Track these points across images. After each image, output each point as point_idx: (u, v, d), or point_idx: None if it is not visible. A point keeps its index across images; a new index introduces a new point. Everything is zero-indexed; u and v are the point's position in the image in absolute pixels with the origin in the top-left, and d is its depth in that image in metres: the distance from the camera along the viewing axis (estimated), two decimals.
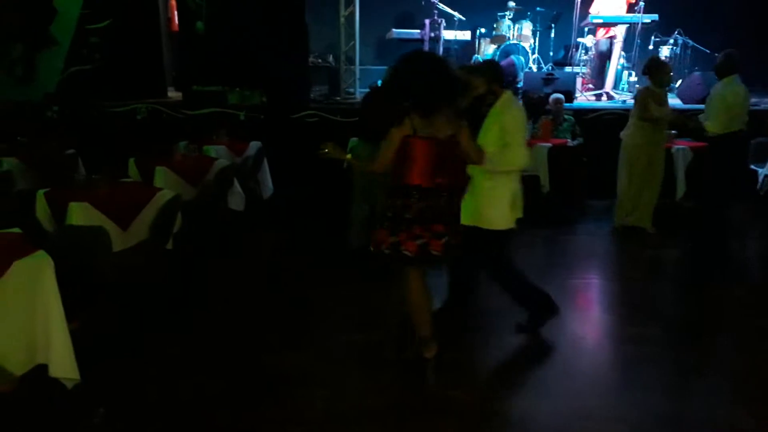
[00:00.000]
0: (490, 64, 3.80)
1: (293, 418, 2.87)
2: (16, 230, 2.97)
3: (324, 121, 7.51)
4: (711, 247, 5.29)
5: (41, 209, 3.91)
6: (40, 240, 2.99)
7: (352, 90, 8.54)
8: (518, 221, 3.56)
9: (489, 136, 3.36)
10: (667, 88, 5.52)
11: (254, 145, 6.44)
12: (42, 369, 2.71)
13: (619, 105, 7.79)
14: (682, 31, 8.56)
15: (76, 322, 2.77)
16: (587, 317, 4.23)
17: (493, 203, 3.44)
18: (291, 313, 4.07)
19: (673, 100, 7.71)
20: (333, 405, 2.98)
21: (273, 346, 3.57)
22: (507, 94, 3.50)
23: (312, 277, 4.73)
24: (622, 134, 5.57)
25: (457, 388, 3.12)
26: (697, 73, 7.82)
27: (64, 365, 2.69)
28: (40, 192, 3.96)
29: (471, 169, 3.40)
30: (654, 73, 5.32)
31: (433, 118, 2.93)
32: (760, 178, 6.39)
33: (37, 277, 2.65)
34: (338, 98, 8.39)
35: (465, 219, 3.35)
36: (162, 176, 4.88)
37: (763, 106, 7.63)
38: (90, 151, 6.26)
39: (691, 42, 8.53)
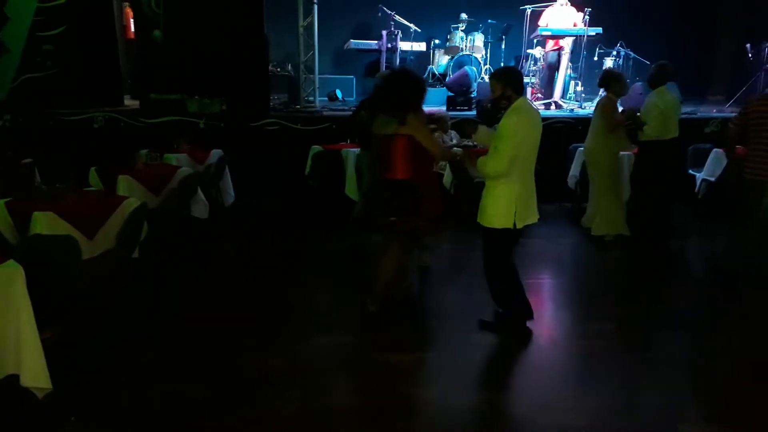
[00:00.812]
0: (506, 70, 3.96)
1: (268, 417, 2.97)
2: None
3: (284, 129, 7.61)
4: (655, 247, 5.64)
5: (2, 219, 3.86)
6: (7, 250, 3.01)
7: (311, 98, 8.67)
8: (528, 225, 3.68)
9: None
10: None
11: (215, 153, 6.50)
12: (13, 379, 2.72)
13: (567, 114, 8.16)
14: (624, 43, 9.02)
15: (48, 332, 2.79)
16: (544, 315, 4.47)
17: (491, 202, 3.61)
18: (263, 317, 4.15)
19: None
20: (307, 405, 3.09)
21: (246, 349, 3.65)
22: (520, 101, 3.58)
23: (283, 281, 4.84)
24: (587, 145, 5.85)
25: (422, 387, 3.29)
26: (638, 84, 8.26)
27: (35, 375, 2.71)
28: (1, 201, 3.92)
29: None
30: (612, 84, 5.62)
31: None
32: (698, 182, 6.81)
33: (8, 286, 2.66)
34: (298, 106, 8.50)
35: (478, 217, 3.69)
36: (125, 185, 4.91)
37: (699, 115, 8.13)
38: (47, 160, 6.19)
39: (632, 54, 9.00)
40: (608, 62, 9.07)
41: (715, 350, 3.73)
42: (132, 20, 9.03)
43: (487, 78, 9.09)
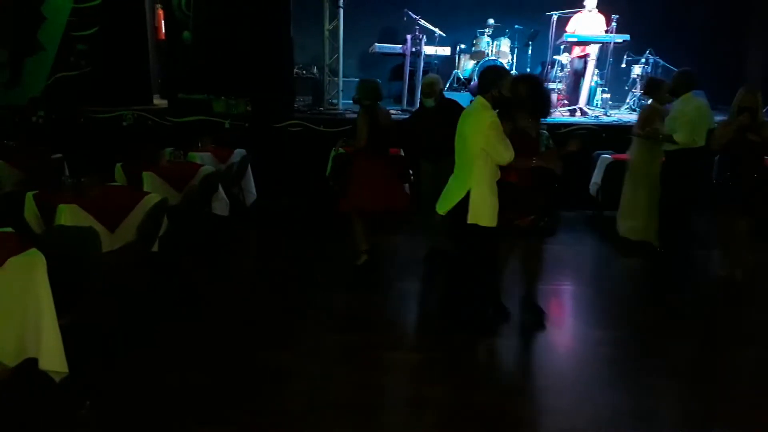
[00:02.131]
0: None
1: (277, 409, 3.03)
2: (9, 230, 3.10)
3: (307, 130, 7.69)
4: (678, 256, 5.54)
5: (30, 211, 4.02)
6: (31, 239, 3.12)
7: (335, 101, 8.74)
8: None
9: None
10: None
11: (238, 153, 6.60)
12: (32, 362, 2.82)
13: (591, 120, 8.08)
14: (653, 51, 8.90)
15: (66, 319, 2.89)
16: (561, 321, 4.45)
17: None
18: (279, 314, 4.23)
19: None
20: (316, 399, 3.15)
21: (261, 344, 3.73)
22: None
23: (298, 279, 4.91)
24: (629, 153, 5.85)
25: (435, 386, 3.31)
26: None
27: (53, 359, 2.80)
28: (29, 194, 4.07)
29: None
30: (655, 92, 5.60)
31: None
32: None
33: (30, 273, 2.77)
34: (321, 109, 8.58)
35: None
36: (149, 181, 5.02)
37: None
38: (76, 155, 6.37)
39: (661, 61, 8.86)
40: (636, 69, 8.96)
41: (733, 360, 3.67)
42: (163, 22, 9.22)
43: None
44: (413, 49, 8.57)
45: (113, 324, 3.58)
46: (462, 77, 9.62)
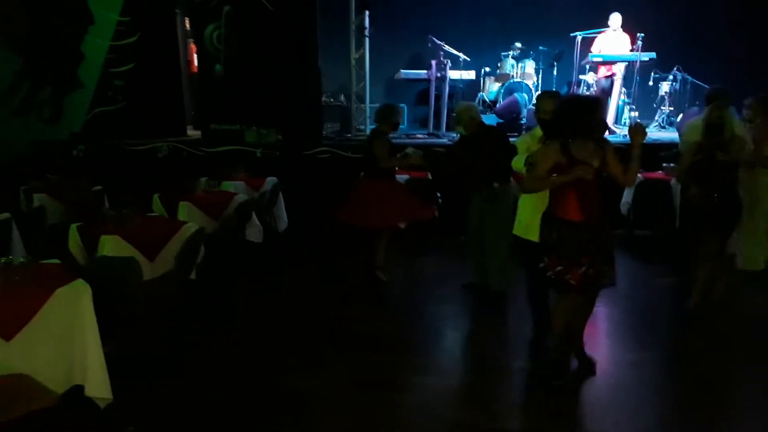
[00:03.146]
0: (557, 92, 4.13)
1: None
2: (56, 261, 3.24)
3: (335, 157, 7.82)
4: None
5: (74, 242, 4.16)
6: (77, 269, 3.25)
7: (362, 127, 8.90)
8: None
9: None
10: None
11: (270, 181, 6.75)
12: (78, 389, 2.91)
13: (619, 139, 8.04)
14: (681, 67, 8.85)
15: (110, 346, 2.99)
16: (593, 342, 4.41)
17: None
18: (311, 337, 4.30)
19: (673, 134, 7.96)
20: (347, 422, 3.18)
21: (294, 368, 3.79)
22: None
23: (331, 303, 4.98)
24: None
25: (465, 410, 3.32)
26: (695, 108, 8.07)
27: (98, 385, 2.88)
28: (73, 226, 4.22)
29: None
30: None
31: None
32: None
33: (77, 303, 2.87)
34: (349, 135, 8.74)
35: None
36: (185, 211, 5.17)
37: None
38: (115, 187, 6.60)
39: (690, 78, 8.81)
40: (664, 86, 8.92)
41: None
42: (195, 56, 9.55)
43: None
44: (438, 74, 8.69)
45: (154, 350, 3.68)
46: (488, 100, 9.70)
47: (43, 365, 2.80)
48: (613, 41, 8.60)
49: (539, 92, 9.27)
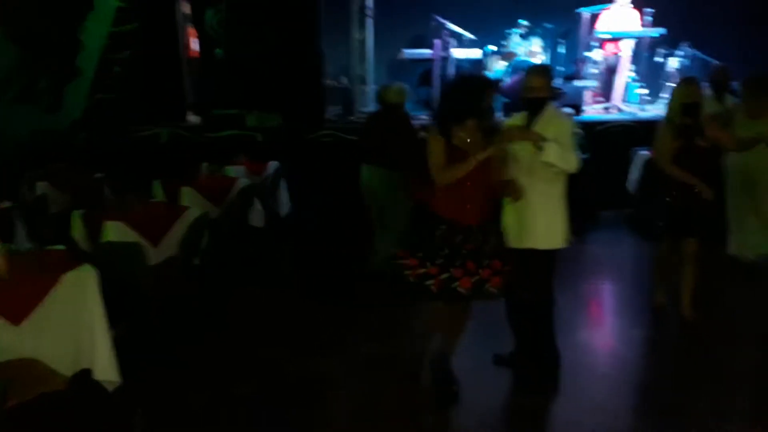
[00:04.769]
0: (549, 67, 3.47)
1: (320, 418, 3.07)
2: (61, 247, 3.21)
3: (338, 140, 7.74)
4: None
5: (77, 229, 4.12)
6: (81, 255, 3.21)
7: (365, 109, 8.79)
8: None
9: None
10: None
11: (272, 165, 6.68)
12: (86, 372, 2.90)
13: (627, 117, 7.94)
14: (691, 44, 8.67)
15: (117, 330, 2.97)
16: (601, 319, 4.37)
17: (550, 218, 3.16)
18: (317, 323, 4.26)
19: None
20: (357, 405, 3.17)
21: (300, 353, 3.76)
22: (551, 104, 3.23)
23: (335, 289, 4.93)
24: None
25: (475, 388, 3.26)
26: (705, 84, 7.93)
27: (106, 369, 2.89)
28: (76, 213, 4.18)
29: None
30: None
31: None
32: None
33: (84, 287, 2.87)
34: (352, 117, 8.63)
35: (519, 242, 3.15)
36: (188, 196, 5.11)
37: None
38: (117, 174, 6.54)
39: (700, 53, 8.63)
40: (673, 62, 8.75)
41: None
42: (194, 39, 9.43)
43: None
44: (442, 54, 8.56)
45: (162, 334, 3.65)
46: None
47: (52, 349, 2.81)
48: (620, 17, 8.42)
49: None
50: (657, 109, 8.41)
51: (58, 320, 2.81)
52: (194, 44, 9.45)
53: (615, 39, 8.40)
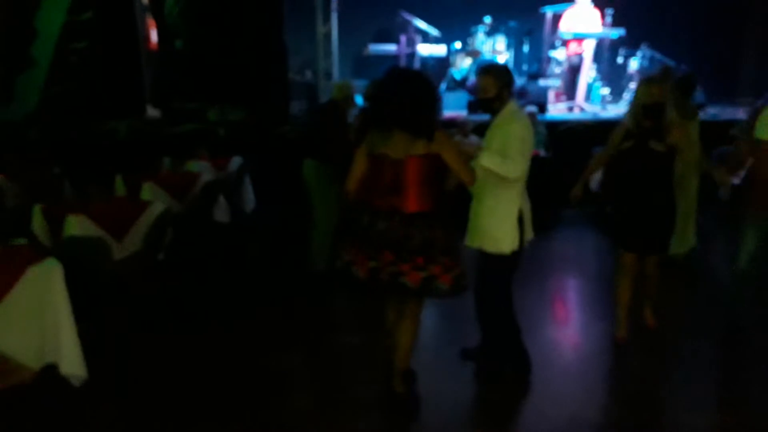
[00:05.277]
0: (503, 67, 3.31)
1: (287, 406, 3.08)
2: (24, 240, 3.10)
3: (302, 135, 7.65)
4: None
5: (38, 223, 3.99)
6: (44, 250, 3.10)
7: None
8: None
9: (492, 146, 3.04)
10: None
11: (236, 160, 6.57)
12: (52, 367, 2.85)
13: (589, 117, 8.11)
14: (649, 45, 8.91)
15: (82, 325, 2.88)
16: (566, 314, 4.45)
17: (497, 222, 3.10)
18: (282, 318, 4.22)
19: None
20: (324, 396, 3.19)
21: (266, 347, 3.73)
22: (513, 103, 3.12)
23: (300, 284, 4.87)
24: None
25: (446, 382, 3.29)
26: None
27: (73, 363, 2.84)
28: (37, 207, 4.05)
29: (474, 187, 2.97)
30: None
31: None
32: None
33: (49, 281, 2.81)
34: None
35: (470, 241, 3.17)
36: (150, 191, 4.98)
37: (724, 117, 8.00)
38: (75, 168, 6.31)
39: (658, 55, 8.88)
40: (633, 64, 8.98)
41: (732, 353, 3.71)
42: (153, 30, 9.18)
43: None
44: (408, 50, 8.57)
45: (125, 329, 3.58)
46: (457, 78, 9.63)
47: (17, 343, 2.78)
48: (583, 16, 8.59)
49: None
50: (618, 109, 8.65)
51: (23, 314, 2.75)
52: (153, 35, 9.21)
53: (577, 39, 8.56)
